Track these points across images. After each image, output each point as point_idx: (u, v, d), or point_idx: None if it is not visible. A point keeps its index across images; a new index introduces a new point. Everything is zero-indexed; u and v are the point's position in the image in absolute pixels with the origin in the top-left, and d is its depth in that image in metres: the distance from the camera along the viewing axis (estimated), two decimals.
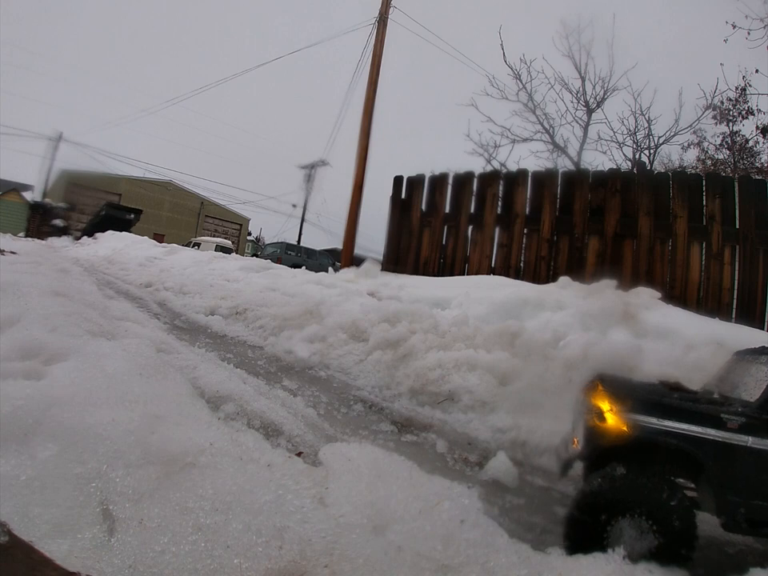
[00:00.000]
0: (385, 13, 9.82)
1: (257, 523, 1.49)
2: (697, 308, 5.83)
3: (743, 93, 12.24)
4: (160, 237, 20.68)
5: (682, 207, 6.47)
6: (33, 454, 1.55)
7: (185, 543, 1.41)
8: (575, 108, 15.45)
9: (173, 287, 6.82)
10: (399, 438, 3.18)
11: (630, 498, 1.92)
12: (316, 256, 18.11)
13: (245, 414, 2.79)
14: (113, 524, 1.44)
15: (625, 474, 1.98)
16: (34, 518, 1.38)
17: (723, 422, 2.02)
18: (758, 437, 1.98)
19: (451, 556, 1.52)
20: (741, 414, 2.03)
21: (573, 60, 15.31)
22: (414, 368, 4.06)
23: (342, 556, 1.45)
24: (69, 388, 1.89)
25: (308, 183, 26.45)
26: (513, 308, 5.29)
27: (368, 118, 9.46)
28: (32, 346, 2.29)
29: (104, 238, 13.07)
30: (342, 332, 4.75)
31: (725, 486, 1.99)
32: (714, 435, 2.01)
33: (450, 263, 7.98)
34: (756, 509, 1.96)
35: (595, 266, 6.75)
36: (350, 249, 9.43)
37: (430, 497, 1.71)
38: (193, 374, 3.10)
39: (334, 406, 3.53)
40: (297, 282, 6.83)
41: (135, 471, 1.60)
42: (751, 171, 13.13)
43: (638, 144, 15.55)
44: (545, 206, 7.35)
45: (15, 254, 6.50)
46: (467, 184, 8.09)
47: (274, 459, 1.84)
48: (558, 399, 3.20)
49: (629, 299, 5.12)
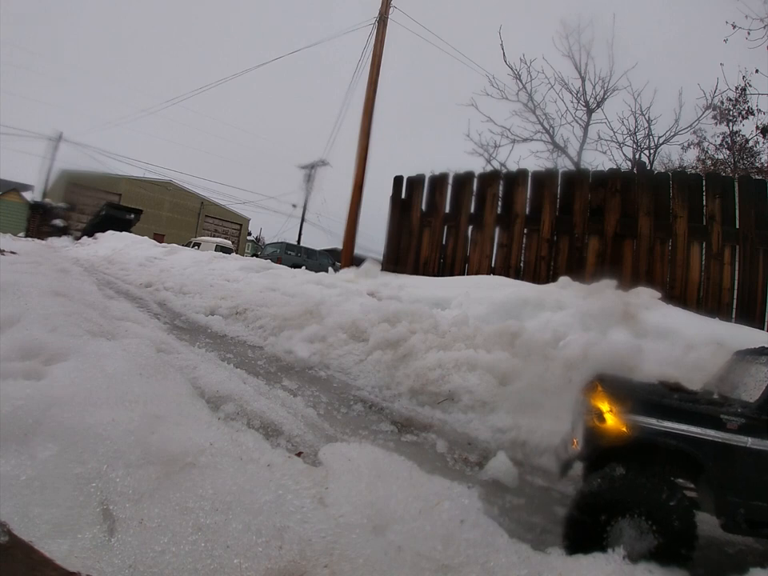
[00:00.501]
0: (385, 13, 9.82)
1: (257, 523, 1.49)
2: (697, 308, 5.83)
3: (743, 93, 12.25)
4: (160, 237, 20.69)
5: (682, 207, 6.47)
6: (33, 454, 1.55)
7: (185, 543, 1.41)
8: (575, 108, 15.47)
9: (173, 287, 6.82)
10: (399, 438, 3.18)
11: (630, 498, 1.92)
12: (316, 256, 18.11)
13: (245, 414, 2.79)
14: (113, 524, 1.44)
15: (624, 474, 1.98)
16: (33, 518, 1.38)
17: (723, 423, 2.02)
18: (757, 437, 1.98)
19: (451, 556, 1.52)
20: (740, 415, 2.03)
21: (573, 60, 15.33)
22: (414, 368, 4.06)
23: (342, 556, 1.45)
24: (69, 388, 1.89)
25: (308, 183, 26.49)
26: (513, 308, 5.29)
27: (368, 118, 9.46)
28: (32, 346, 2.29)
29: (104, 237, 13.07)
30: (342, 332, 4.75)
31: (724, 486, 1.99)
32: (714, 436, 2.01)
33: (450, 263, 7.98)
34: (756, 509, 1.96)
35: (595, 265, 6.75)
36: (349, 249, 9.43)
37: (430, 497, 1.71)
38: (193, 373, 3.10)
39: (334, 405, 3.53)
40: (297, 282, 6.83)
41: (135, 471, 1.60)
42: (751, 171, 13.13)
43: (638, 144, 15.57)
44: (545, 206, 7.35)
45: (15, 253, 6.50)
46: (467, 184, 8.09)
47: (273, 459, 1.84)
48: (557, 399, 3.20)
49: (629, 299, 5.12)
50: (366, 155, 9.40)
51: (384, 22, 9.78)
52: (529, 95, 15.03)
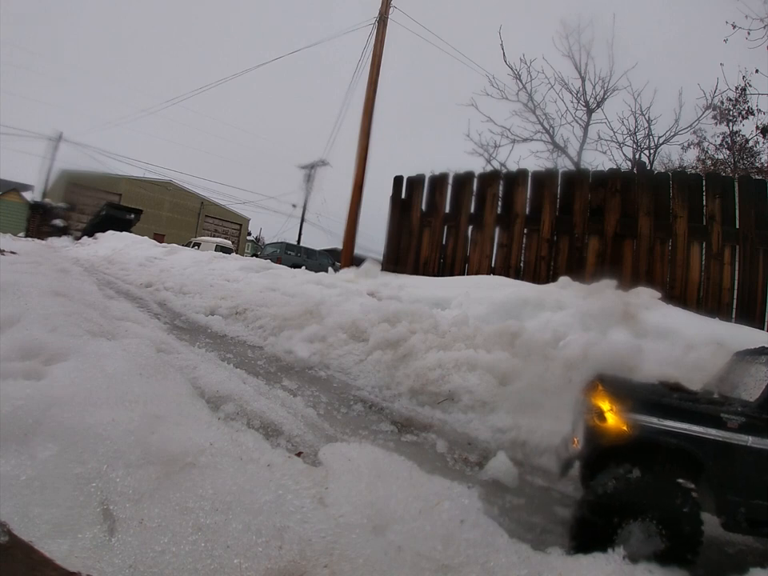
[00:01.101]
0: (385, 13, 9.82)
1: (257, 523, 1.49)
2: (697, 308, 5.83)
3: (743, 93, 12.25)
4: (160, 237, 20.68)
5: (682, 207, 6.47)
6: (33, 454, 1.55)
7: (185, 543, 1.41)
8: (575, 108, 15.47)
9: (173, 287, 6.82)
10: (399, 438, 3.18)
11: (643, 501, 1.91)
12: (316, 256, 18.11)
13: (245, 414, 2.79)
14: (113, 524, 1.44)
15: (639, 477, 1.97)
16: (33, 518, 1.38)
17: (723, 422, 2.02)
18: (758, 436, 1.98)
19: (451, 556, 1.52)
20: (741, 414, 2.03)
21: (573, 60, 15.33)
22: (414, 368, 4.06)
23: (342, 556, 1.45)
24: (69, 388, 1.89)
25: (308, 183, 26.49)
26: (513, 308, 5.29)
27: (368, 118, 9.46)
28: (32, 346, 2.29)
29: (104, 237, 13.07)
30: (342, 332, 4.75)
31: (725, 485, 1.99)
32: (715, 435, 2.01)
33: (450, 263, 7.98)
34: (756, 508, 1.96)
35: (595, 266, 6.75)
36: (349, 249, 9.43)
37: (430, 497, 1.71)
38: (193, 373, 3.10)
39: (334, 405, 3.53)
40: (297, 281, 6.83)
41: (135, 471, 1.60)
42: (751, 171, 13.13)
43: (638, 144, 15.57)
44: (545, 206, 7.35)
45: (15, 253, 6.50)
46: (467, 184, 8.09)
47: (273, 459, 1.84)
48: (557, 399, 3.20)
49: (629, 299, 5.12)
50: (365, 155, 9.40)
51: (384, 22, 9.78)
52: (529, 95, 15.05)
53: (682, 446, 2.03)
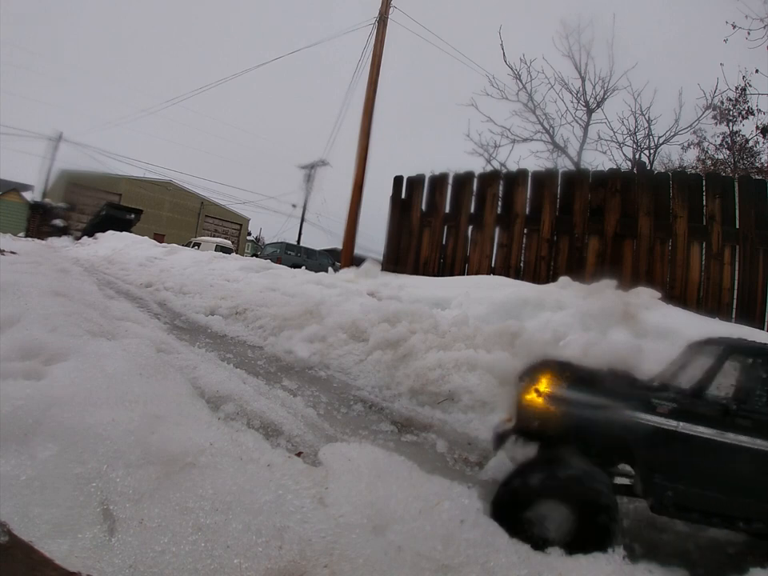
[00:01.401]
0: (385, 13, 9.82)
1: (257, 523, 1.49)
2: (697, 308, 5.83)
3: (743, 93, 12.27)
4: (160, 237, 20.68)
5: (682, 207, 6.47)
6: (33, 454, 1.55)
7: (185, 543, 1.41)
8: (575, 108, 15.50)
9: (173, 287, 6.82)
10: (399, 438, 3.18)
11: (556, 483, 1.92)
12: (316, 256, 18.12)
13: (245, 414, 2.78)
14: (113, 524, 1.44)
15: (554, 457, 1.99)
16: (34, 518, 1.38)
17: (653, 406, 2.04)
18: (687, 422, 1.99)
19: (451, 556, 1.52)
20: (672, 400, 2.05)
21: (573, 60, 15.37)
22: (414, 368, 4.06)
23: (342, 556, 1.45)
24: (69, 388, 1.89)
25: (308, 183, 26.53)
26: (513, 308, 5.29)
27: (368, 118, 9.46)
28: (32, 346, 2.29)
29: (104, 238, 13.07)
30: (342, 332, 4.75)
31: (653, 468, 2.00)
32: (643, 418, 2.03)
33: (450, 263, 7.98)
34: (683, 493, 1.97)
35: (595, 265, 6.75)
36: (349, 249, 9.43)
37: (430, 497, 1.71)
38: (193, 373, 3.10)
39: (334, 405, 3.52)
40: (297, 281, 6.83)
41: (135, 471, 1.59)
42: (751, 171, 13.14)
43: (638, 144, 15.60)
44: (545, 206, 7.35)
45: (15, 253, 6.51)
46: (467, 184, 8.09)
47: (273, 459, 1.83)
48: None
49: (629, 299, 5.12)
50: (365, 155, 9.41)
51: (384, 22, 9.78)
52: (529, 95, 15.08)
53: (610, 428, 2.04)
